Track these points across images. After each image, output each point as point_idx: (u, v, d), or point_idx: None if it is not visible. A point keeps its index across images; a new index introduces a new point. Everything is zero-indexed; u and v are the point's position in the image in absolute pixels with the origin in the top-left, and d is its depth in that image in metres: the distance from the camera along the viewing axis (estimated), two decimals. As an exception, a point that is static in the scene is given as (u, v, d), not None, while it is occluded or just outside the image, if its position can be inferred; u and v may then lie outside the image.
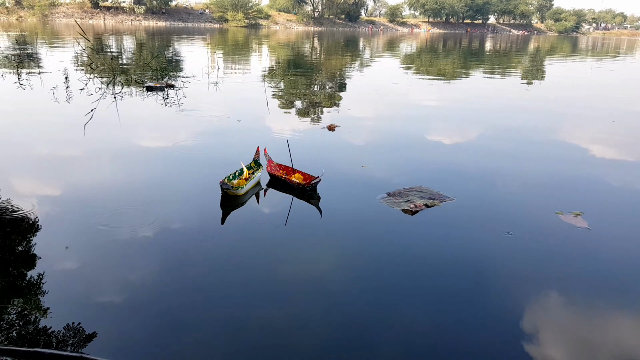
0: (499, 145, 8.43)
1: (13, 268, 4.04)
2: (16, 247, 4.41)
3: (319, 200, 5.56)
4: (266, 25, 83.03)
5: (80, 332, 3.23)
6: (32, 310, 3.45)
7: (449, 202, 5.52)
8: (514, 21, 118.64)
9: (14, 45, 25.09)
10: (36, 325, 3.30)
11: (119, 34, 40.68)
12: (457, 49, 41.83)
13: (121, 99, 10.90)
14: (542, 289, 3.98)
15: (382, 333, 3.38)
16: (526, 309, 3.68)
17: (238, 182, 5.55)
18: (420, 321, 3.51)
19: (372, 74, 20.30)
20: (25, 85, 12.45)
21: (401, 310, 3.63)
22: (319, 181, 5.64)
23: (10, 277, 3.91)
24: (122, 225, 4.83)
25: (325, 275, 4.15)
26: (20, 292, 3.69)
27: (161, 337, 3.25)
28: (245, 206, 5.39)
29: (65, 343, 3.13)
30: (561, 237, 4.87)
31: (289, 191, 5.80)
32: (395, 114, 11.20)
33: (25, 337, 3.16)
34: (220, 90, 12.83)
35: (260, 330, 3.36)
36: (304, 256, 4.43)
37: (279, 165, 6.30)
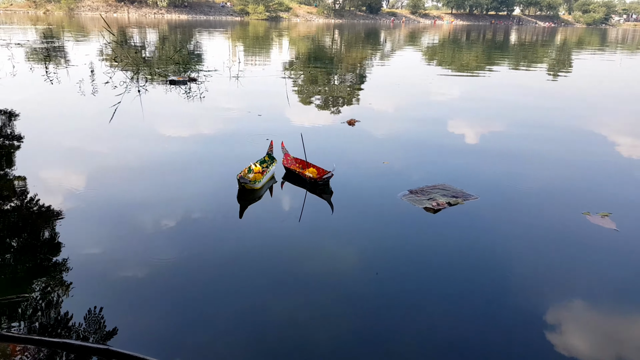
0: (524, 141, 8.27)
1: (39, 255, 4.14)
2: (42, 234, 4.52)
3: (331, 195, 5.56)
4: (287, 17, 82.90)
5: (102, 319, 3.32)
6: (57, 297, 3.54)
7: (472, 200, 5.44)
8: (540, 13, 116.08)
9: (41, 38, 25.53)
10: (60, 312, 3.38)
11: (142, 27, 41.09)
12: (480, 42, 41.18)
13: (145, 93, 11.02)
14: (567, 291, 3.90)
15: (402, 330, 3.37)
16: (550, 310, 3.62)
17: (254, 176, 5.59)
18: (440, 320, 3.49)
19: (393, 67, 20.11)
20: (53, 78, 12.67)
21: (421, 308, 3.61)
22: (330, 176, 5.63)
23: (36, 264, 4.00)
24: (145, 215, 4.95)
25: (345, 271, 4.14)
26: (45, 278, 3.78)
27: (181, 328, 3.30)
28: (261, 200, 5.42)
29: (88, 330, 3.22)
30: (588, 238, 4.76)
31: (304, 185, 5.80)
32: (417, 108, 11.08)
33: (50, 324, 3.23)
34: (241, 83, 12.87)
35: (281, 322, 3.39)
36: (325, 251, 4.43)
37: (295, 159, 6.32)
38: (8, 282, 3.72)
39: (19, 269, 3.90)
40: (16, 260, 4.04)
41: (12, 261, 4.02)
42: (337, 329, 3.37)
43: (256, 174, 5.67)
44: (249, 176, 5.51)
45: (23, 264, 3.98)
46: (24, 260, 4.05)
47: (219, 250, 4.35)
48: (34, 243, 4.36)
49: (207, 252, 4.32)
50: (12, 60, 15.07)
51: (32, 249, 4.26)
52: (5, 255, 4.09)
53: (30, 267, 3.96)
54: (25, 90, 11.16)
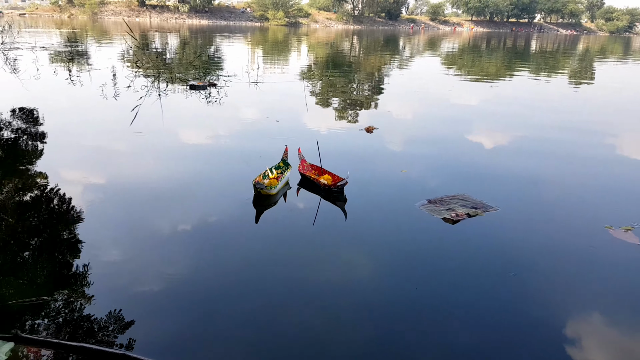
0: (545, 152, 8.13)
1: (58, 257, 4.19)
2: (62, 235, 4.58)
3: (345, 203, 5.53)
4: (306, 23, 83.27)
5: (119, 322, 3.35)
6: (75, 300, 3.57)
7: (492, 212, 5.37)
8: (562, 20, 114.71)
9: (65, 42, 26.01)
10: (78, 315, 3.41)
11: (163, 32, 41.62)
12: (501, 49, 40.81)
13: (165, 97, 11.13)
14: (588, 305, 3.84)
15: (418, 340, 3.34)
16: (570, 324, 3.56)
17: (270, 182, 5.60)
18: (457, 331, 3.44)
19: (412, 74, 20.03)
20: (76, 81, 12.88)
21: (438, 319, 3.57)
22: (345, 183, 5.61)
23: (56, 265, 4.06)
24: (162, 218, 5.01)
25: (361, 279, 4.11)
26: (64, 280, 3.83)
27: (197, 334, 3.30)
28: (277, 206, 5.43)
29: (105, 333, 3.25)
30: (610, 252, 4.66)
31: (319, 192, 5.79)
32: (436, 116, 10.99)
33: (68, 326, 3.26)
34: (260, 89, 12.93)
35: (295, 329, 3.39)
36: (341, 259, 4.41)
37: (312, 165, 6.31)
38: (28, 283, 3.76)
39: (39, 271, 3.95)
40: (37, 261, 4.09)
41: (33, 262, 4.07)
42: (353, 338, 3.34)
43: (271, 179, 5.68)
44: (264, 182, 5.52)
45: (43, 266, 4.03)
46: (44, 261, 4.10)
47: (236, 255, 4.35)
48: (54, 244, 4.42)
49: (223, 256, 4.33)
50: (36, 64, 15.36)
51: (52, 250, 4.31)
52: (26, 256, 4.14)
53: (50, 268, 4.02)
54: (49, 93, 11.37)
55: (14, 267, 3.97)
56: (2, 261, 4.05)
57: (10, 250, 4.23)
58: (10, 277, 3.82)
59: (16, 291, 3.64)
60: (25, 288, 3.69)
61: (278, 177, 5.82)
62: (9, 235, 4.48)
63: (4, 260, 4.07)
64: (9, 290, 3.65)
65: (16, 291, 3.64)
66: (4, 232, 4.56)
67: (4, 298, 3.52)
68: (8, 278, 3.81)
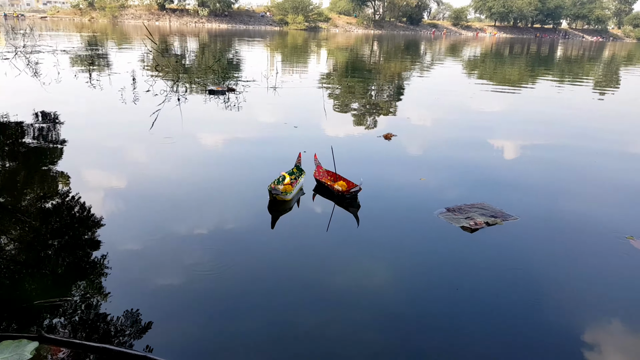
0: (567, 160, 7.96)
1: (80, 258, 4.23)
2: (83, 236, 4.63)
3: (358, 209, 5.47)
4: (326, 28, 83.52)
5: (139, 320, 3.40)
6: (96, 300, 3.60)
7: (512, 221, 5.23)
8: (587, 26, 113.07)
9: (86, 46, 26.47)
10: (99, 315, 3.44)
11: (183, 36, 42.12)
12: (524, 55, 40.35)
13: (185, 102, 11.18)
14: (608, 317, 3.73)
15: (435, 349, 3.29)
16: (587, 336, 3.48)
17: (284, 188, 5.55)
18: (474, 341, 3.37)
19: (432, 80, 19.87)
20: (96, 85, 13.04)
21: (455, 329, 3.49)
22: (358, 190, 5.55)
23: (78, 266, 4.09)
24: (181, 220, 5.03)
25: (378, 287, 4.05)
26: (86, 280, 3.86)
27: (212, 337, 3.31)
28: (291, 212, 5.38)
29: (126, 331, 3.28)
30: (631, 264, 4.51)
31: (333, 198, 5.73)
32: (457, 123, 10.83)
33: (90, 326, 3.28)
34: (278, 94, 12.92)
35: (311, 337, 3.35)
36: (358, 266, 4.34)
37: (327, 171, 6.26)
38: (51, 283, 3.79)
39: (61, 271, 3.98)
40: (58, 261, 4.12)
41: (54, 263, 4.10)
42: (370, 343, 3.29)
43: (286, 185, 5.65)
44: (279, 187, 5.47)
45: (65, 266, 4.06)
46: (66, 261, 4.13)
47: (251, 260, 4.32)
48: (76, 244, 4.46)
49: (238, 261, 4.30)
50: (57, 67, 15.61)
51: (74, 250, 4.35)
52: (48, 257, 4.17)
53: (72, 268, 4.05)
54: (69, 97, 11.51)
55: (38, 267, 4.01)
56: (26, 261, 4.09)
57: (33, 250, 4.28)
58: (34, 277, 3.86)
59: (40, 291, 3.67)
60: (48, 288, 3.72)
61: (292, 182, 5.78)
62: (33, 236, 4.53)
63: (27, 260, 4.11)
64: (33, 290, 3.69)
65: (40, 291, 3.67)
66: (27, 232, 4.61)
67: (28, 298, 3.56)
68: (31, 278, 3.86)
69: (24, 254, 4.24)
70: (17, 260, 4.13)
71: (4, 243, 4.41)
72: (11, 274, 3.90)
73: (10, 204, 5.23)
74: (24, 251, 4.28)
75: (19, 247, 4.35)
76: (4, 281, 3.79)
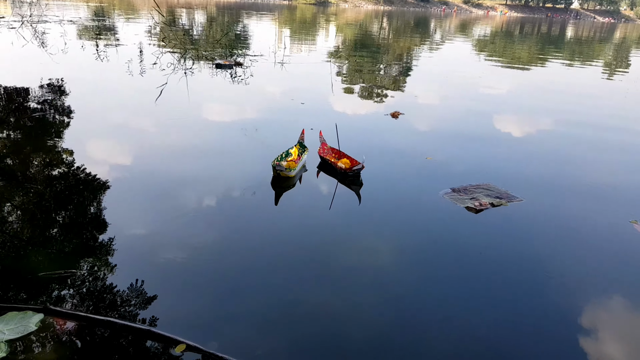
0: (574, 142, 7.92)
1: (84, 230, 4.25)
2: (87, 208, 4.68)
3: (360, 187, 5.48)
4: (335, 2, 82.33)
5: (143, 294, 3.44)
6: (101, 273, 3.64)
7: (516, 202, 5.23)
8: (599, 7, 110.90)
9: (93, 16, 26.24)
10: (104, 288, 3.48)
11: (190, 8, 41.64)
12: (535, 35, 39.73)
13: (191, 75, 11.14)
14: (607, 299, 3.75)
15: (437, 328, 3.31)
16: (590, 318, 3.48)
17: (288, 164, 5.56)
18: (476, 321, 3.39)
19: (441, 58, 19.64)
20: (103, 56, 12.98)
21: (456, 308, 3.52)
22: (361, 168, 5.54)
23: (82, 239, 4.12)
24: (184, 195, 5.05)
25: (381, 266, 4.06)
26: (90, 253, 3.89)
27: (217, 312, 3.35)
28: (295, 189, 5.39)
29: (130, 305, 3.32)
30: (634, 247, 4.52)
31: (337, 176, 5.73)
32: (465, 103, 10.74)
33: (95, 299, 3.32)
34: (286, 69, 12.83)
35: (313, 315, 3.37)
36: (361, 245, 4.36)
37: (332, 149, 6.25)
38: (56, 256, 3.83)
39: (66, 244, 4.01)
40: (63, 234, 4.17)
41: (60, 235, 4.14)
42: (371, 325, 3.31)
43: (289, 162, 5.65)
44: (282, 163, 5.48)
45: (70, 238, 4.09)
46: (71, 234, 4.17)
47: (254, 236, 4.35)
48: (80, 217, 4.48)
49: (242, 237, 4.33)
50: (64, 38, 15.51)
51: (78, 223, 4.38)
52: (53, 229, 4.22)
53: (76, 241, 4.08)
54: (76, 68, 11.47)
55: (43, 240, 4.05)
56: (31, 234, 4.13)
57: (38, 222, 4.32)
58: (39, 249, 3.90)
59: (45, 263, 3.71)
60: (53, 260, 3.76)
61: (296, 159, 5.77)
62: (38, 208, 4.56)
63: (32, 233, 4.15)
64: (38, 262, 3.72)
65: (45, 263, 3.71)
66: (33, 204, 4.64)
67: (34, 270, 3.59)
68: (37, 250, 3.89)
69: (29, 225, 4.28)
70: (22, 232, 4.17)
71: (9, 214, 4.46)
72: (16, 246, 3.94)
73: (15, 174, 5.26)
74: (28, 223, 4.32)
75: (24, 219, 4.39)
76: (9, 253, 3.83)
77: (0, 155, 5.77)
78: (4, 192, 4.85)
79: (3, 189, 4.93)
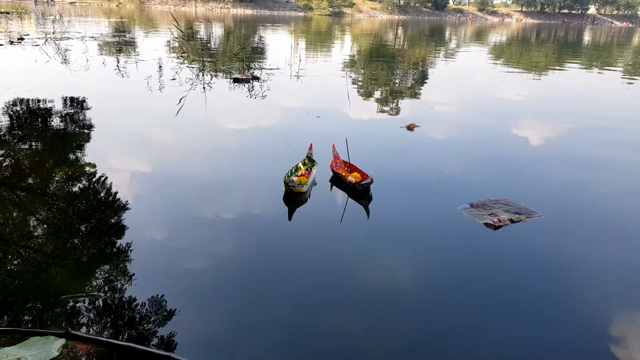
0: (597, 153, 7.82)
1: (104, 248, 4.35)
2: (109, 224, 4.78)
3: (369, 202, 5.49)
4: (350, 13, 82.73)
5: (162, 308, 3.52)
6: (121, 294, 3.67)
7: (536, 218, 5.20)
8: (617, 12, 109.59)
9: (113, 32, 26.77)
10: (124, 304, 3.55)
11: (208, 21, 42.22)
12: (551, 42, 39.38)
13: (210, 90, 11.30)
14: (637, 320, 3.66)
15: (456, 347, 3.29)
16: (617, 338, 3.42)
17: (299, 179, 5.60)
18: (499, 341, 3.36)
19: (457, 66, 19.59)
20: (123, 72, 13.24)
21: (478, 328, 3.49)
22: (369, 182, 5.55)
23: (102, 257, 4.19)
24: (199, 211, 5.15)
25: (399, 284, 4.06)
26: (110, 272, 3.94)
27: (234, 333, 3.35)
28: (308, 204, 5.42)
29: (149, 328, 3.36)
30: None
31: (347, 190, 5.75)
32: (482, 113, 10.70)
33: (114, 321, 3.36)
34: (302, 82, 12.94)
35: (332, 335, 3.37)
36: (378, 262, 4.36)
37: (345, 162, 6.25)
38: (76, 272, 3.91)
39: (87, 260, 4.08)
40: (84, 249, 4.25)
41: (81, 251, 4.23)
42: (390, 343, 3.31)
43: (301, 177, 5.70)
44: (293, 179, 5.53)
45: (91, 257, 4.16)
46: (92, 252, 4.24)
47: (269, 252, 4.39)
48: (101, 233, 4.57)
49: (256, 252, 4.39)
50: (86, 54, 15.86)
51: (100, 238, 4.46)
52: (75, 245, 4.30)
53: (98, 260, 4.14)
54: (98, 84, 11.72)
55: (63, 257, 4.13)
56: (53, 251, 4.21)
57: (59, 239, 4.41)
58: (60, 268, 3.98)
59: (67, 284, 3.77)
60: (74, 280, 3.82)
61: (306, 174, 5.85)
62: (59, 224, 4.66)
63: (54, 250, 4.23)
64: (60, 282, 3.80)
65: (67, 284, 3.77)
66: (54, 220, 4.76)
67: (55, 292, 3.66)
68: (58, 269, 3.97)
69: (50, 243, 4.37)
70: (43, 251, 4.25)
71: (31, 232, 4.57)
72: (38, 267, 4.01)
73: (38, 189, 5.41)
74: (50, 239, 4.41)
75: (46, 235, 4.49)
76: (31, 275, 3.91)
77: (23, 169, 5.94)
78: (27, 208, 5.00)
79: (25, 204, 5.08)
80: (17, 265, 4.03)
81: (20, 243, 4.33)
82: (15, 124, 7.95)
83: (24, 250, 4.24)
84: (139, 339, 3.27)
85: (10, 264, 4.03)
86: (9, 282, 3.76)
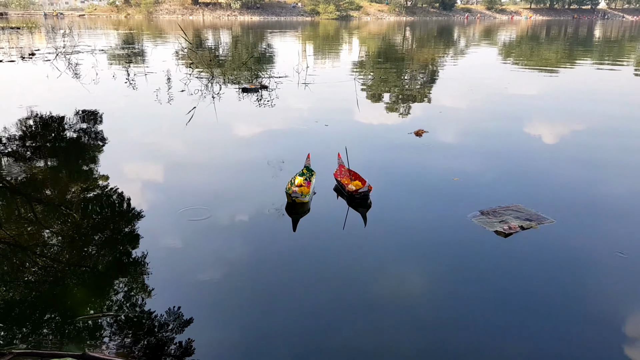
0: (609, 157, 7.69)
1: (120, 260, 4.44)
2: (121, 230, 4.92)
3: (367, 210, 5.50)
4: (357, 16, 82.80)
5: (178, 319, 3.60)
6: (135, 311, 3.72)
7: (547, 224, 5.15)
8: (628, 5, 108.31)
9: (122, 44, 27.09)
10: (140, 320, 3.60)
11: (216, 29, 42.51)
12: (562, 38, 39.04)
13: (219, 100, 11.38)
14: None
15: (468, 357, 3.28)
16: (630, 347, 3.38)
17: (301, 190, 5.62)
18: (509, 349, 3.35)
19: (466, 67, 19.49)
20: (133, 85, 13.40)
21: (490, 337, 3.48)
22: (367, 190, 5.56)
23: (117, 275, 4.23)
24: (212, 215, 5.29)
25: (410, 293, 4.06)
26: (126, 290, 4.00)
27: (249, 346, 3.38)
28: (311, 214, 5.43)
29: (164, 345, 3.41)
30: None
31: (347, 198, 5.75)
32: (492, 117, 10.62)
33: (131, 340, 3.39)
34: (310, 90, 12.96)
35: (345, 348, 3.37)
36: (389, 271, 4.36)
37: (349, 170, 6.24)
38: (93, 294, 3.95)
39: (103, 280, 4.13)
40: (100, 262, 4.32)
41: (97, 263, 4.30)
42: (402, 352, 3.32)
43: (302, 188, 5.71)
44: (294, 189, 5.55)
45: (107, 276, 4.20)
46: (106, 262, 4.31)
47: (275, 263, 4.44)
48: (116, 247, 4.65)
49: (262, 263, 4.44)
50: (96, 68, 16.06)
51: (114, 253, 4.53)
52: (90, 259, 4.35)
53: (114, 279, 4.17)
54: (109, 97, 11.89)
55: (79, 271, 4.20)
56: (69, 271, 4.27)
57: (75, 255, 4.47)
58: (76, 285, 4.04)
59: (83, 303, 3.81)
60: (91, 299, 3.87)
61: (305, 184, 5.88)
62: (74, 238, 4.72)
63: (70, 269, 4.28)
64: (77, 303, 3.83)
65: (83, 303, 3.81)
66: (69, 233, 4.82)
67: (72, 312, 3.70)
68: (74, 286, 4.03)
69: (67, 257, 4.44)
70: (59, 265, 4.33)
71: (47, 246, 4.64)
72: (55, 281, 4.08)
73: (52, 202, 5.51)
74: (67, 255, 4.48)
75: (62, 251, 4.56)
76: (47, 288, 3.98)
77: (37, 181, 6.05)
78: (42, 221, 5.08)
79: (42, 218, 5.17)
80: (33, 280, 4.12)
81: (37, 257, 4.43)
82: (29, 138, 8.12)
83: (41, 263, 4.34)
84: (155, 356, 3.30)
85: (28, 278, 4.12)
86: (28, 298, 3.84)
